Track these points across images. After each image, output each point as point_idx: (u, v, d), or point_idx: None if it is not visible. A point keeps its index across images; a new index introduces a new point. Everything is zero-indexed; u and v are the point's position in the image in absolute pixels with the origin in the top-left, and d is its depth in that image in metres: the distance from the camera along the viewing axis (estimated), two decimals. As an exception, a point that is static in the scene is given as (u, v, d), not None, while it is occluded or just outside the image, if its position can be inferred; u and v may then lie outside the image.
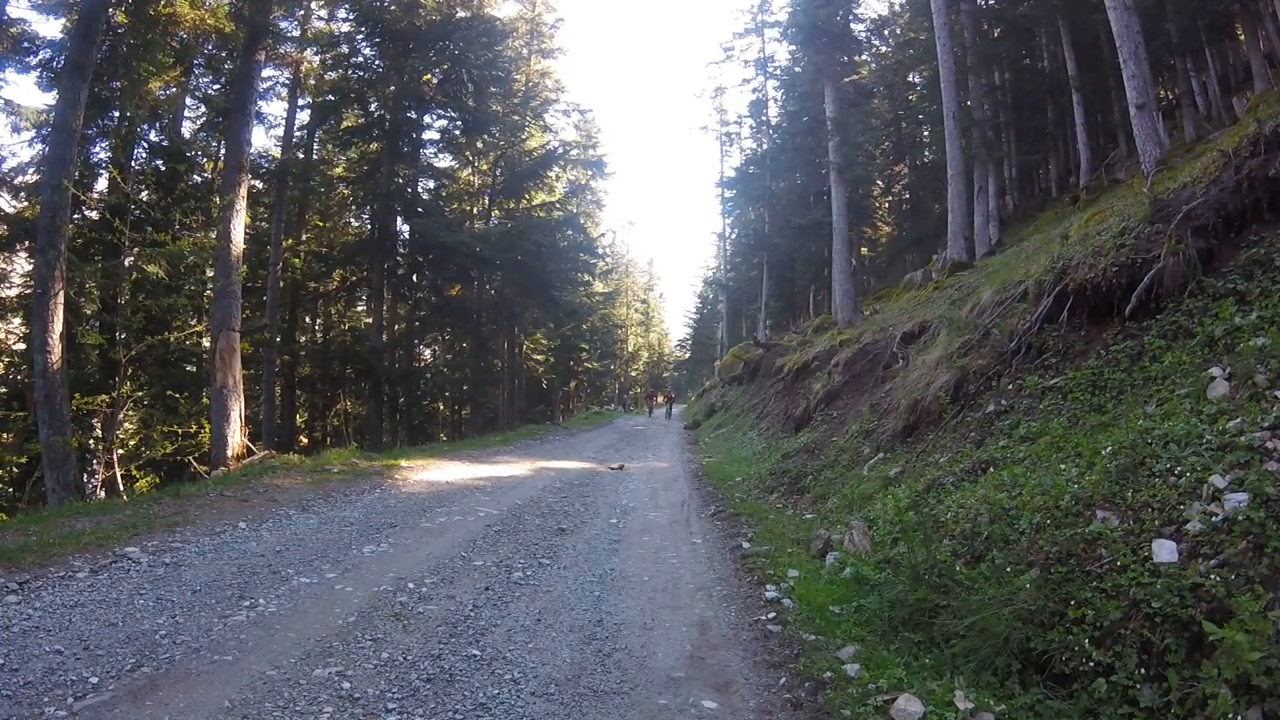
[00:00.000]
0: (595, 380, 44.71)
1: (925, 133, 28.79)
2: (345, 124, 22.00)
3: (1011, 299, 7.00)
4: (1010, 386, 5.91)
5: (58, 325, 9.30)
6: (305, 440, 22.48)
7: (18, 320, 14.96)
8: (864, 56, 28.56)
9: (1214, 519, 2.93)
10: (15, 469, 12.58)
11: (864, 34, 26.54)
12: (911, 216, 30.76)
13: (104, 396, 10.40)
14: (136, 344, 11.75)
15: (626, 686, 3.21)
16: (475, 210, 26.35)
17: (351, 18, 20.42)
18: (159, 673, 3.15)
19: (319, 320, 26.09)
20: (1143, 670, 2.69)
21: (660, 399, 36.56)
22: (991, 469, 4.83)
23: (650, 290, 64.49)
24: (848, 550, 5.05)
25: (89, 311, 14.06)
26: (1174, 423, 3.65)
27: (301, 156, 21.39)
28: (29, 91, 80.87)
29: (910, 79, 28.47)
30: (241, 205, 11.68)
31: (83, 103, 9.90)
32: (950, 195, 16.39)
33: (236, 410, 10.90)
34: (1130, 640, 2.77)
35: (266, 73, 17.78)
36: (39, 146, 14.05)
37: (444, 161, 25.63)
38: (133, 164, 15.02)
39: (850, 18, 22.17)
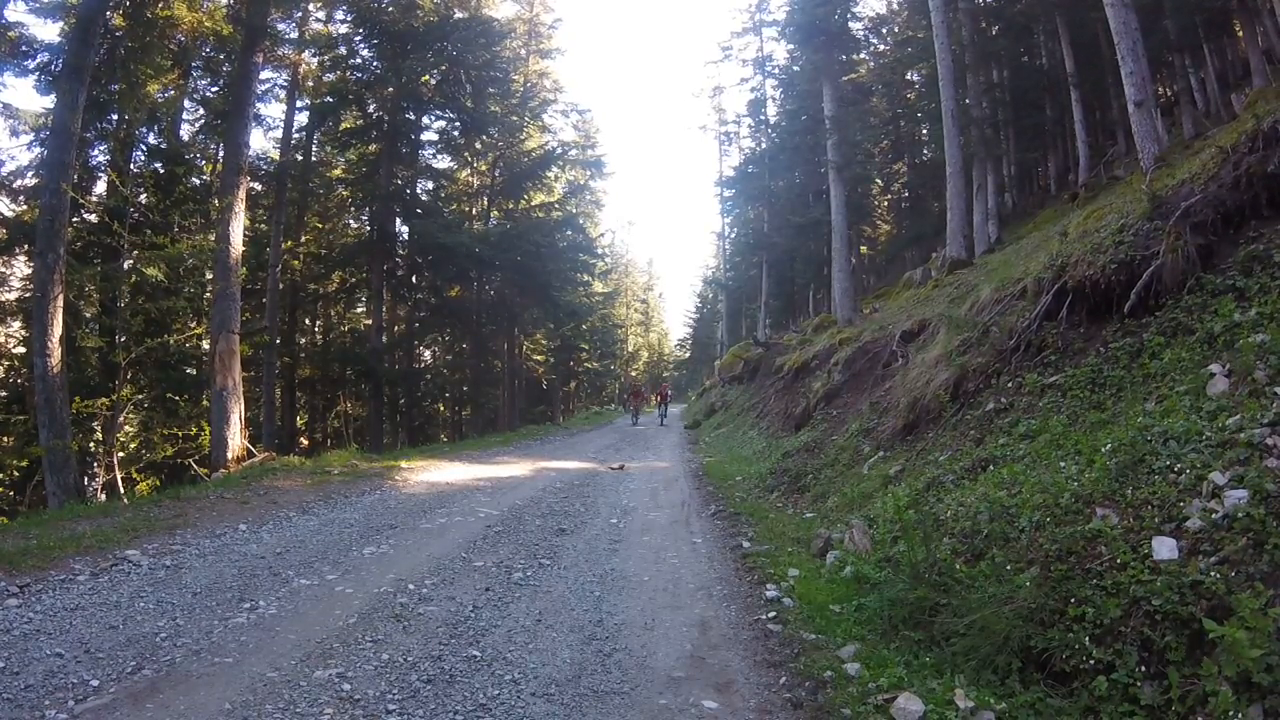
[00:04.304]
0: (595, 380, 44.70)
1: (924, 131, 28.81)
2: (344, 125, 22.03)
3: (1011, 297, 7.00)
4: (1010, 384, 5.90)
5: (58, 329, 9.30)
6: (306, 442, 22.49)
7: (18, 324, 14.97)
8: (862, 55, 28.60)
9: (1214, 516, 2.93)
10: (16, 472, 12.61)
11: (862, 32, 26.58)
12: (911, 215, 30.78)
13: (104, 399, 10.41)
14: (136, 347, 11.76)
15: (627, 686, 3.21)
16: (474, 211, 26.36)
17: (349, 19, 20.45)
18: (159, 675, 3.15)
19: (319, 322, 26.11)
20: (1143, 668, 2.69)
21: (654, 398, 29.09)
22: (991, 467, 4.83)
23: (650, 290, 64.52)
24: (848, 549, 5.05)
25: (89, 315, 14.09)
26: (1174, 420, 3.65)
27: (300, 158, 21.42)
28: (27, 95, 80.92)
29: (909, 77, 28.50)
30: (240, 207, 11.69)
31: (81, 106, 9.91)
32: (949, 193, 16.40)
33: (236, 412, 10.91)
34: (1130, 638, 2.77)
35: (265, 75, 17.82)
36: (38, 150, 14.08)
37: (443, 162, 25.66)
38: (131, 167, 15.06)
39: (848, 16, 22.16)
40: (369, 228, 22.33)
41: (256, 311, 18.79)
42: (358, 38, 20.54)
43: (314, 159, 22.59)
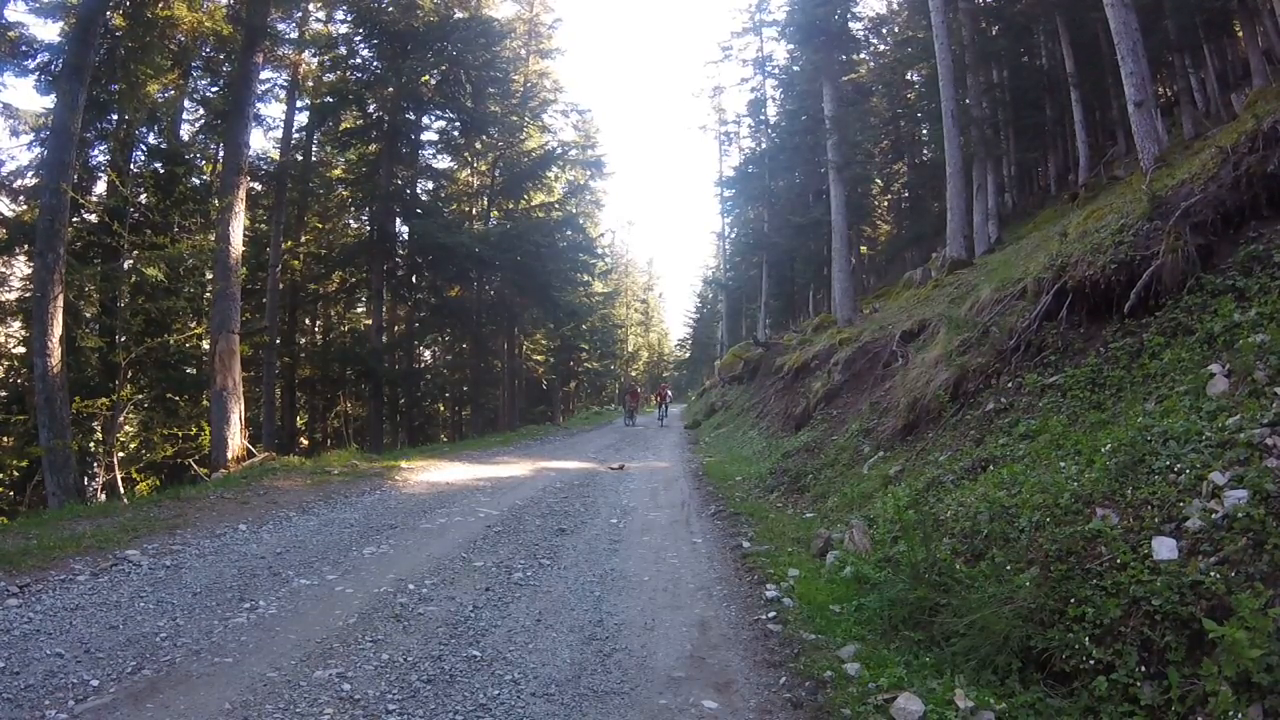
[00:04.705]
0: (595, 380, 44.64)
1: (924, 131, 28.81)
2: (344, 125, 22.03)
3: (1011, 297, 7.00)
4: (1010, 384, 5.90)
5: (58, 329, 9.30)
6: (306, 442, 22.50)
7: (18, 324, 14.99)
8: (862, 55, 28.60)
9: (1214, 516, 2.93)
10: (16, 472, 12.61)
11: (862, 32, 26.56)
12: (911, 215, 30.78)
13: (104, 400, 10.41)
14: (136, 347, 11.76)
15: (627, 686, 3.21)
16: (474, 211, 26.37)
17: (349, 19, 20.45)
18: (159, 675, 3.15)
19: (319, 322, 26.11)
20: (1143, 668, 2.69)
21: (654, 398, 28.91)
22: (991, 467, 4.83)
23: (650, 290, 64.51)
24: (848, 549, 5.05)
25: (89, 315, 14.10)
26: (1173, 420, 3.65)
27: (300, 158, 21.42)
28: (27, 94, 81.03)
29: (909, 77, 28.50)
30: (240, 207, 11.69)
31: (81, 106, 9.91)
32: (949, 193, 16.40)
33: (236, 412, 10.91)
34: (1130, 638, 2.77)
35: (265, 75, 17.81)
36: (38, 150, 14.10)
37: (443, 162, 25.68)
38: (131, 167, 15.07)
39: (848, 16, 22.15)
40: (369, 228, 22.34)
41: (256, 311, 18.79)
42: (358, 38, 20.54)
43: (314, 159, 22.59)
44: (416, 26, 20.18)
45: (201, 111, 18.13)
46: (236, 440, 10.78)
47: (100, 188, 15.17)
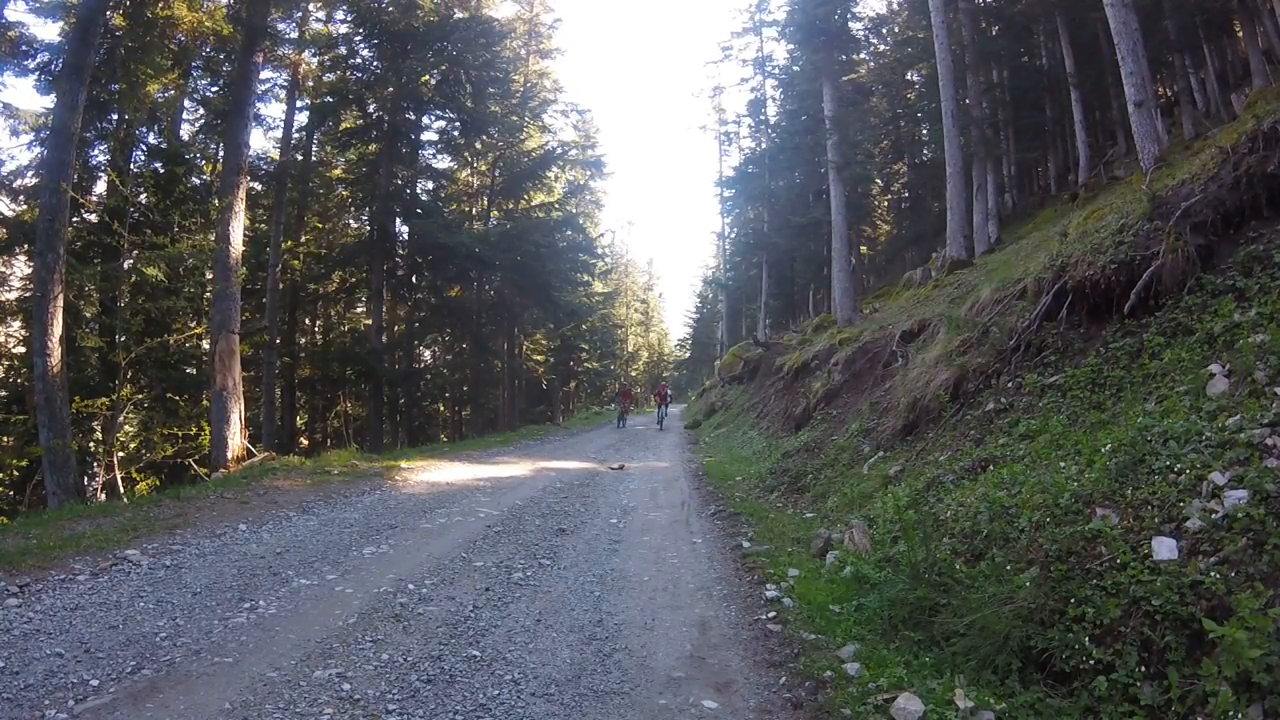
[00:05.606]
0: (595, 380, 44.56)
1: (924, 131, 28.81)
2: (344, 125, 22.04)
3: (1010, 297, 7.00)
4: (1010, 384, 5.90)
5: (58, 328, 9.30)
6: (306, 442, 22.50)
7: (18, 324, 14.99)
8: (862, 55, 28.59)
9: (1214, 516, 2.93)
10: (16, 472, 12.59)
11: (862, 32, 26.54)
12: (911, 215, 30.78)
13: (104, 399, 10.42)
14: (136, 347, 11.76)
15: (626, 686, 3.21)
16: (474, 211, 26.38)
17: (349, 19, 20.46)
18: (159, 675, 3.15)
19: (319, 322, 26.12)
20: (1143, 668, 2.69)
21: (653, 399, 28.50)
22: (991, 467, 4.83)
23: (650, 290, 64.50)
24: (848, 549, 5.05)
25: (89, 314, 14.09)
26: (1174, 420, 3.65)
27: (300, 158, 21.43)
28: (27, 94, 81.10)
29: (909, 77, 28.52)
30: (240, 207, 11.69)
31: (81, 106, 9.92)
32: (949, 193, 16.40)
33: (236, 412, 10.91)
34: (1130, 638, 2.77)
35: (265, 74, 17.83)
36: (38, 150, 14.11)
37: (443, 162, 25.69)
38: (131, 167, 15.06)
39: (848, 16, 22.14)
40: (369, 228, 22.34)
41: (256, 311, 18.79)
42: (358, 38, 20.55)
43: (314, 159, 22.61)
44: (416, 26, 20.19)
45: (201, 111, 18.14)
46: (236, 440, 10.78)
47: (100, 188, 15.17)
